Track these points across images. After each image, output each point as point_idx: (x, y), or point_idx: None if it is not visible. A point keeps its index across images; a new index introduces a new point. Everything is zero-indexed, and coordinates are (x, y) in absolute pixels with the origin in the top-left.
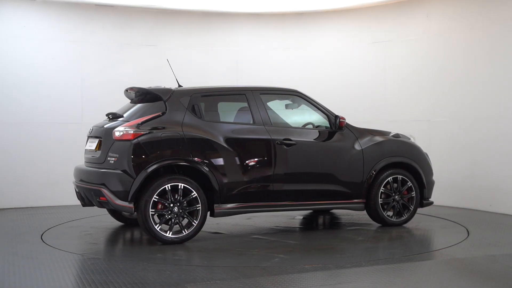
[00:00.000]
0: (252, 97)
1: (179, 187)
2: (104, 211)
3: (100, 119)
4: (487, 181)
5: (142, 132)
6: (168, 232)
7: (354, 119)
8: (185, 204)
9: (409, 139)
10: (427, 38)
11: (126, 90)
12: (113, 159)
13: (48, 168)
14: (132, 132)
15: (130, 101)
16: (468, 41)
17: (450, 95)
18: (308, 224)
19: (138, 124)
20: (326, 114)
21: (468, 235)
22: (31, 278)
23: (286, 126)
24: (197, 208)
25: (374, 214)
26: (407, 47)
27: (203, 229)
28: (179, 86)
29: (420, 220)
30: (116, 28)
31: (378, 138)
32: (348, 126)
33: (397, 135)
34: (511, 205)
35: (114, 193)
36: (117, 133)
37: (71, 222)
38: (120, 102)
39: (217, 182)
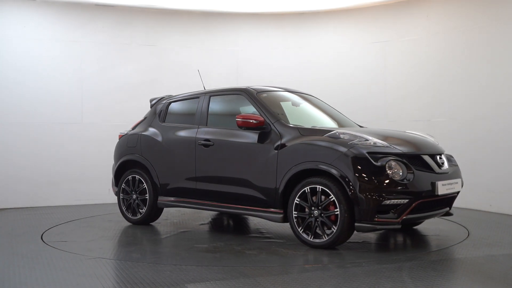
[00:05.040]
0: (202, 100)
1: (136, 179)
2: (103, 211)
3: (100, 119)
4: (487, 181)
5: (124, 133)
6: (130, 214)
7: (353, 119)
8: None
9: (353, 138)
10: (427, 38)
11: None
12: None
13: (48, 168)
14: (120, 133)
15: None
16: (468, 41)
17: (450, 94)
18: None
19: (133, 127)
20: (265, 115)
21: (468, 235)
22: (31, 278)
23: (219, 127)
24: (146, 197)
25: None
26: (407, 47)
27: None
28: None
29: None
30: (116, 28)
31: (302, 140)
32: (277, 126)
33: (335, 135)
34: (511, 205)
35: (113, 180)
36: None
37: (71, 222)
38: (119, 102)
39: (157, 177)
